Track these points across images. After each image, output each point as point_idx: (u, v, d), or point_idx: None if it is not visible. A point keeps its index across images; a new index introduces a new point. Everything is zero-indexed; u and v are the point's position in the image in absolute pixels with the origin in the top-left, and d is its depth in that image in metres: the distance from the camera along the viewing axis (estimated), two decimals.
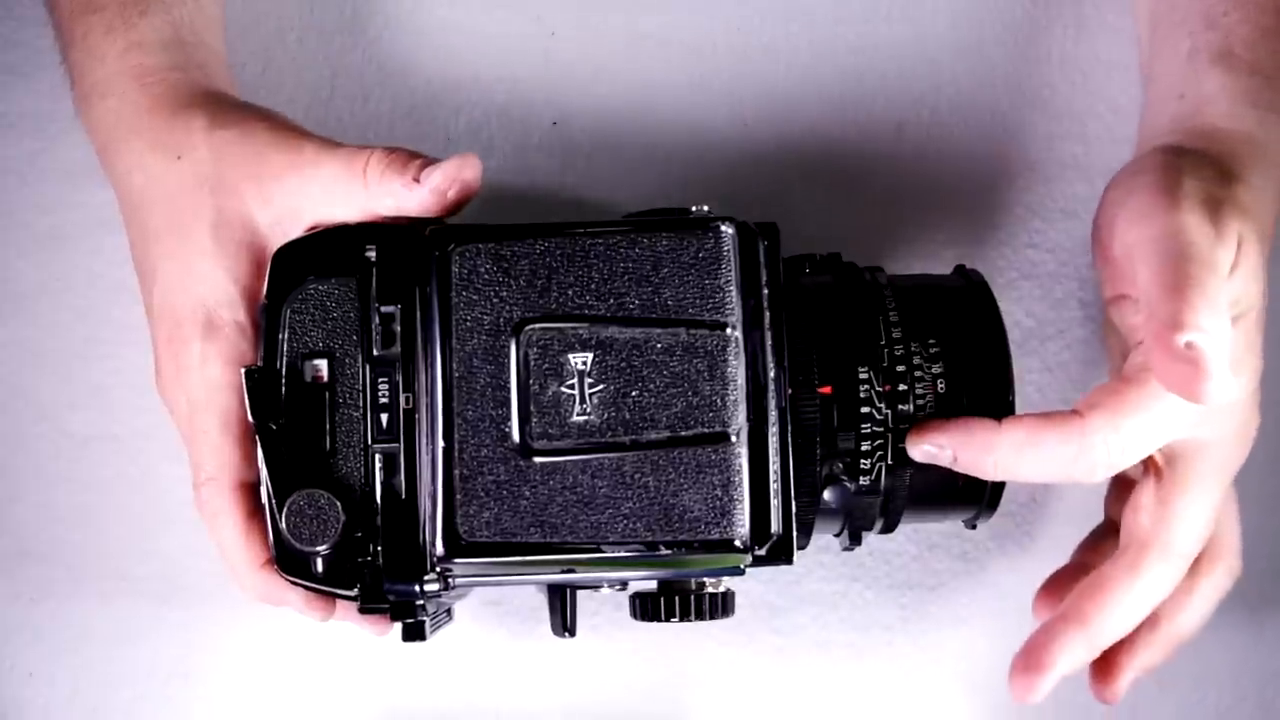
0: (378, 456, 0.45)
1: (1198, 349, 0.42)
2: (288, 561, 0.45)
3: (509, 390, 0.44)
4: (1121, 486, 0.52)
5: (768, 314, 0.45)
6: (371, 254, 0.46)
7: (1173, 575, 0.48)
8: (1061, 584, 0.52)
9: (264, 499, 0.45)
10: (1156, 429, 0.45)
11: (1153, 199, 0.46)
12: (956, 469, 0.46)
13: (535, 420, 0.43)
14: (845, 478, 0.47)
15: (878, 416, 0.47)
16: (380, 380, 0.45)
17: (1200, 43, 0.51)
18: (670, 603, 0.46)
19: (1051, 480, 0.51)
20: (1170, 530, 0.47)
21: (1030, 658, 0.48)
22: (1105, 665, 0.50)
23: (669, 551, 0.43)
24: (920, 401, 0.47)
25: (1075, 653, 0.48)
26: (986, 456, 0.46)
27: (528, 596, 0.56)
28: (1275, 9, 0.51)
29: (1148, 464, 0.48)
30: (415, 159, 0.46)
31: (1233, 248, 0.45)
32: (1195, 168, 0.46)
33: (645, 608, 0.47)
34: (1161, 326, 0.43)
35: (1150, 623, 0.49)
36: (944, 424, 0.46)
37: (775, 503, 0.44)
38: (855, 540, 0.50)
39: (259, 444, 0.45)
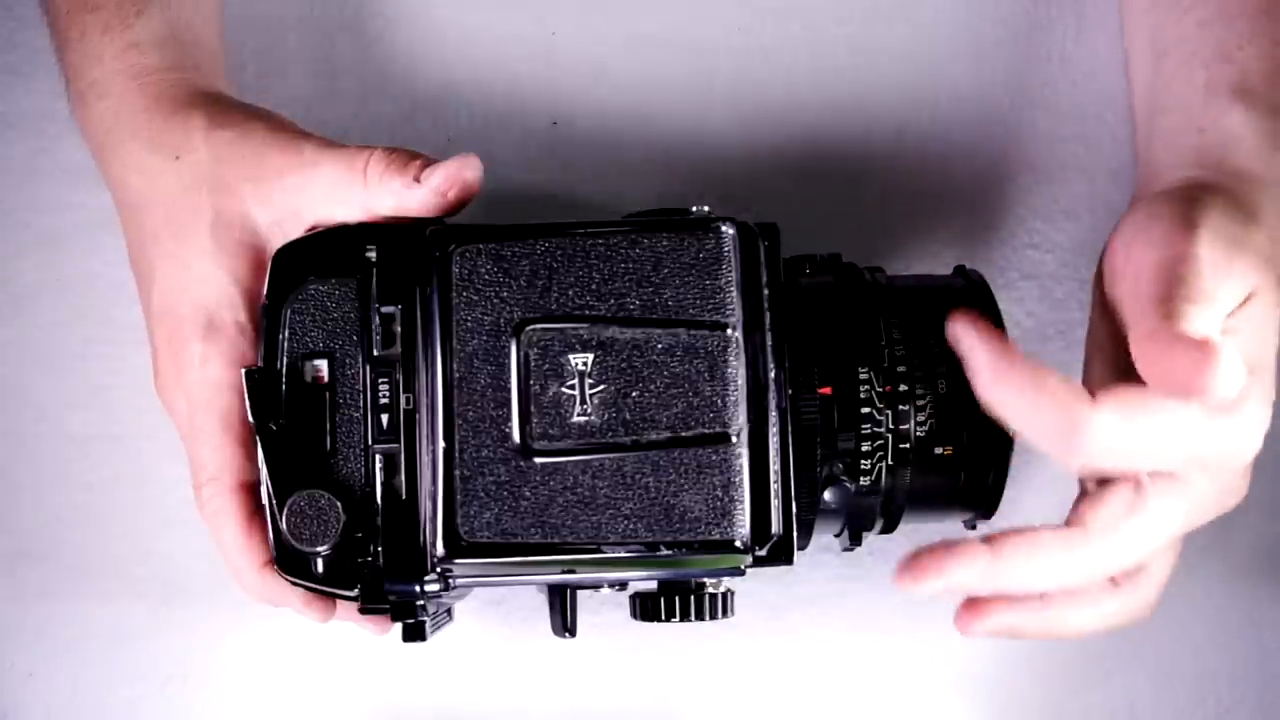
0: (378, 457, 0.45)
1: (1198, 337, 0.39)
2: (288, 562, 0.45)
3: (509, 391, 0.44)
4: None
5: (768, 314, 0.45)
6: (372, 254, 0.46)
7: (1090, 571, 0.45)
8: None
9: (264, 499, 0.45)
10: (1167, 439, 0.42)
11: (1171, 228, 0.44)
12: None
13: (536, 421, 0.43)
14: (845, 478, 0.47)
15: (878, 417, 0.47)
16: (380, 381, 0.45)
17: (1216, 75, 0.50)
18: (670, 603, 0.46)
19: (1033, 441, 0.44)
20: (1117, 532, 0.44)
21: (930, 558, 0.44)
22: (980, 603, 0.46)
23: (669, 552, 0.43)
24: (920, 402, 0.47)
25: (971, 577, 0.44)
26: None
27: (528, 596, 0.56)
28: None
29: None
30: (415, 159, 0.46)
31: (1240, 290, 0.43)
32: (1222, 206, 0.45)
33: (645, 608, 0.47)
34: (1156, 321, 0.41)
35: (1042, 597, 0.46)
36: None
37: (775, 503, 0.44)
38: (855, 540, 0.50)
39: (259, 444, 0.45)
